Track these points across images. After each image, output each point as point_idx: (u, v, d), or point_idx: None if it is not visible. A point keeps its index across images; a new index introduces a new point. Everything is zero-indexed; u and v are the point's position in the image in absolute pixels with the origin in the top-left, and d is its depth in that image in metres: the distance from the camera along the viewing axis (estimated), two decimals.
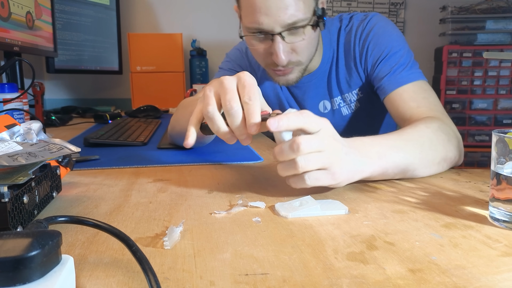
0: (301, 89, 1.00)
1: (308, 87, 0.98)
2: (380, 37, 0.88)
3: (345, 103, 0.98)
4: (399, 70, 0.84)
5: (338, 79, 0.96)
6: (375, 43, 0.88)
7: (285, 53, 0.80)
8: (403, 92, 0.81)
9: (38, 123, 0.55)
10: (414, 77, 0.82)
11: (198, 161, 0.76)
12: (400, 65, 0.84)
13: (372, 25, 0.89)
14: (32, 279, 0.25)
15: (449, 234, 0.42)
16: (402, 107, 0.80)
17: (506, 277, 0.33)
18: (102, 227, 0.37)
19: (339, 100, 0.98)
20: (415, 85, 0.82)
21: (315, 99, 1.00)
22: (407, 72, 0.83)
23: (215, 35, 2.29)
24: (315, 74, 0.96)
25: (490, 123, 2.36)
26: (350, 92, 0.96)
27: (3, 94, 1.09)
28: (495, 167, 0.45)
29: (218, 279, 0.33)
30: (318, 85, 0.98)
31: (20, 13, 1.26)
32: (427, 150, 0.63)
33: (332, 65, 0.95)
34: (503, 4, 2.28)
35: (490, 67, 2.30)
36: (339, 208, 0.48)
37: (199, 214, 0.47)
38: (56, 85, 2.23)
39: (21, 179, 0.40)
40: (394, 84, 0.83)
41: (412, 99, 0.80)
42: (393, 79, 0.83)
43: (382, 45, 0.87)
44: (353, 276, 0.33)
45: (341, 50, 0.94)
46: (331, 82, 0.96)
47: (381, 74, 0.86)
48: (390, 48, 0.86)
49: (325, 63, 0.95)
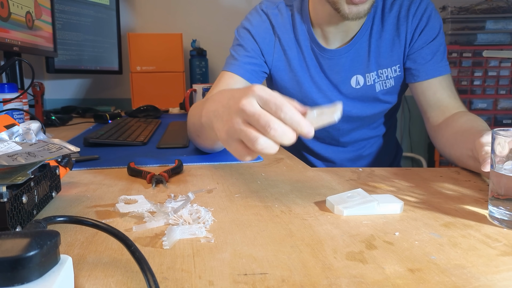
0: (336, 61, 0.92)
1: (344, 58, 0.92)
2: (433, 19, 0.88)
3: (380, 79, 0.93)
4: (439, 58, 0.88)
5: (379, 51, 0.91)
6: (428, 25, 0.88)
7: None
8: (442, 80, 0.88)
9: (37, 123, 0.55)
10: (449, 69, 0.89)
11: (198, 161, 0.76)
12: (441, 53, 0.88)
13: (426, 5, 0.89)
14: (31, 279, 0.25)
15: (448, 233, 0.42)
16: (441, 94, 0.87)
17: (505, 277, 0.33)
18: (101, 227, 0.37)
19: (374, 75, 0.93)
20: (448, 77, 0.89)
21: (348, 72, 0.93)
22: (446, 62, 0.88)
23: (215, 35, 2.29)
24: (354, 43, 0.90)
25: (490, 123, 2.36)
26: (389, 67, 0.92)
27: (3, 94, 1.09)
28: (495, 166, 0.45)
29: (217, 279, 0.33)
30: (356, 57, 0.92)
31: (20, 13, 1.26)
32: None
33: (373, 33, 0.90)
34: (503, 4, 2.28)
35: (490, 67, 2.30)
36: (395, 203, 0.48)
37: None
38: (56, 85, 2.23)
39: (20, 179, 0.40)
40: (437, 71, 0.87)
41: (450, 89, 0.88)
42: (436, 66, 0.87)
43: (433, 28, 0.88)
44: (352, 275, 0.33)
45: (389, 18, 0.89)
46: (370, 54, 0.91)
47: (426, 56, 0.88)
48: (437, 33, 0.88)
49: (366, 29, 0.90)
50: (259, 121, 0.44)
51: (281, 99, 0.44)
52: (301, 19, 0.93)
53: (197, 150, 0.86)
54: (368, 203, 0.48)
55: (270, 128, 0.43)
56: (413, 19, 0.88)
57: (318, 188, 0.58)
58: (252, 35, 0.94)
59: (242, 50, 0.94)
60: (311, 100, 0.97)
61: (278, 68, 0.96)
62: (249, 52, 0.93)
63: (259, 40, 0.94)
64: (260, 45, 0.94)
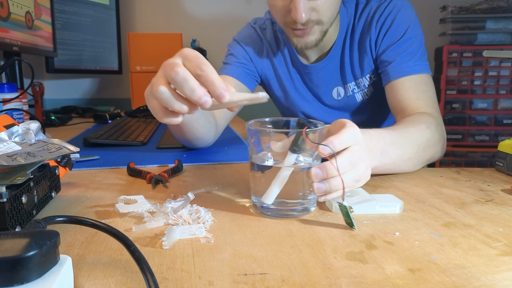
0: (314, 75, 0.96)
1: (322, 73, 0.94)
2: (398, 20, 0.86)
3: (359, 88, 0.95)
4: (406, 58, 0.83)
5: (352, 63, 0.92)
6: (391, 27, 0.86)
7: (305, 9, 0.76)
8: (405, 81, 0.82)
9: (36, 123, 0.55)
10: (419, 69, 0.83)
11: (198, 161, 0.76)
12: (409, 53, 0.83)
13: (392, 7, 0.87)
14: (30, 279, 0.25)
15: (448, 233, 0.42)
16: (401, 96, 0.81)
17: (505, 276, 0.33)
18: (100, 227, 0.37)
19: (352, 85, 0.95)
20: (418, 77, 0.82)
21: (329, 85, 0.96)
22: (414, 62, 0.83)
23: (215, 35, 2.29)
24: (330, 58, 0.92)
25: (490, 123, 2.36)
26: (363, 77, 0.93)
27: (3, 94, 1.09)
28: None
29: (216, 279, 0.32)
30: (332, 71, 0.94)
31: (20, 13, 1.26)
32: (421, 151, 0.65)
33: (345, 46, 0.92)
34: (503, 4, 2.28)
35: (490, 67, 2.30)
36: (394, 202, 0.48)
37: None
38: (56, 85, 2.22)
39: (19, 179, 0.40)
40: (400, 72, 0.83)
41: (412, 90, 0.81)
42: (399, 67, 0.83)
43: (397, 30, 0.86)
44: (352, 275, 0.33)
45: (357, 29, 0.90)
46: (344, 66, 0.93)
47: (389, 59, 0.85)
48: (403, 33, 0.85)
49: (339, 43, 0.91)
50: (169, 70, 0.44)
51: (205, 60, 0.45)
52: (283, 35, 0.96)
53: (197, 150, 0.86)
54: (367, 202, 0.48)
55: (172, 71, 0.43)
56: (376, 24, 0.87)
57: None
58: (242, 46, 0.98)
59: (234, 58, 0.97)
60: (298, 109, 1.02)
61: (267, 77, 1.00)
62: (240, 59, 0.97)
63: (249, 50, 0.98)
64: (250, 54, 0.97)
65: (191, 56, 0.45)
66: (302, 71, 0.97)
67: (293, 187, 0.46)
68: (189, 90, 0.44)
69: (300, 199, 0.47)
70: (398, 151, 0.61)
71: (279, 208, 0.47)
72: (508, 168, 0.65)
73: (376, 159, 0.57)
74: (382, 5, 0.88)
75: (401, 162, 0.62)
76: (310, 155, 0.46)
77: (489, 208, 0.50)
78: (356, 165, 0.46)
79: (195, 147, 0.86)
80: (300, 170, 0.46)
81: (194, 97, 0.44)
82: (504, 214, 0.48)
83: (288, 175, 0.45)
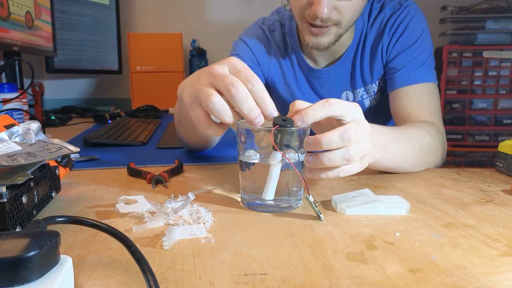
0: (324, 80, 0.94)
1: (332, 77, 0.93)
2: (411, 28, 0.86)
3: (368, 94, 0.94)
4: (414, 67, 0.84)
5: (362, 69, 0.92)
6: (403, 34, 0.86)
7: (329, 6, 0.73)
8: (410, 89, 0.82)
9: (36, 123, 0.55)
10: (426, 78, 0.83)
11: (198, 161, 0.76)
12: (417, 62, 0.84)
13: (405, 14, 0.87)
14: (30, 280, 0.25)
15: (449, 233, 0.42)
16: (404, 104, 0.81)
17: (506, 277, 0.33)
18: (101, 227, 0.37)
19: (362, 91, 0.94)
20: (423, 86, 0.83)
21: (337, 89, 0.95)
22: (421, 71, 0.83)
23: (215, 35, 2.29)
24: (341, 63, 0.91)
25: (490, 123, 2.36)
26: (373, 83, 0.93)
27: (3, 94, 1.09)
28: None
29: (217, 279, 0.32)
30: (342, 75, 0.93)
31: (20, 13, 1.25)
32: (422, 153, 0.66)
33: (357, 52, 0.91)
34: (503, 4, 2.28)
35: (490, 67, 2.30)
36: (401, 204, 0.48)
37: None
38: (56, 85, 2.22)
39: (20, 179, 0.40)
40: (406, 80, 0.83)
41: (416, 99, 0.81)
42: (406, 75, 0.84)
43: (409, 37, 0.86)
44: (352, 276, 0.33)
45: (370, 35, 0.90)
46: (355, 72, 0.92)
47: (397, 66, 0.85)
48: (414, 41, 0.85)
49: (352, 49, 0.91)
50: (223, 81, 0.43)
51: (254, 74, 0.44)
52: (291, 39, 0.95)
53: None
54: (372, 203, 0.48)
55: (233, 87, 0.43)
56: (389, 31, 0.88)
57: (319, 189, 0.58)
58: (249, 47, 0.95)
59: (239, 59, 0.95)
60: None
61: (273, 79, 0.98)
62: (245, 61, 0.94)
63: (256, 52, 0.95)
64: (257, 56, 0.95)
65: (241, 67, 0.45)
66: (309, 75, 0.95)
67: (279, 183, 0.47)
68: (247, 108, 0.43)
69: (285, 196, 0.48)
70: (400, 149, 0.61)
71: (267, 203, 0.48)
72: (508, 169, 0.65)
73: (379, 152, 0.57)
74: (396, 12, 0.88)
75: (402, 161, 0.62)
76: (294, 151, 0.46)
77: (489, 208, 0.50)
78: (349, 142, 0.44)
79: (197, 151, 0.84)
80: (284, 168, 0.47)
81: (250, 116, 0.43)
82: (504, 215, 0.48)
83: (279, 171, 0.45)
